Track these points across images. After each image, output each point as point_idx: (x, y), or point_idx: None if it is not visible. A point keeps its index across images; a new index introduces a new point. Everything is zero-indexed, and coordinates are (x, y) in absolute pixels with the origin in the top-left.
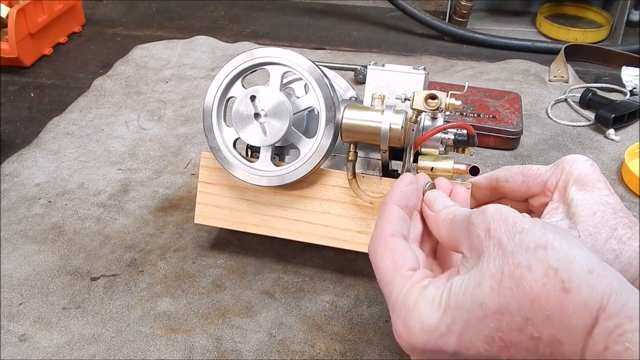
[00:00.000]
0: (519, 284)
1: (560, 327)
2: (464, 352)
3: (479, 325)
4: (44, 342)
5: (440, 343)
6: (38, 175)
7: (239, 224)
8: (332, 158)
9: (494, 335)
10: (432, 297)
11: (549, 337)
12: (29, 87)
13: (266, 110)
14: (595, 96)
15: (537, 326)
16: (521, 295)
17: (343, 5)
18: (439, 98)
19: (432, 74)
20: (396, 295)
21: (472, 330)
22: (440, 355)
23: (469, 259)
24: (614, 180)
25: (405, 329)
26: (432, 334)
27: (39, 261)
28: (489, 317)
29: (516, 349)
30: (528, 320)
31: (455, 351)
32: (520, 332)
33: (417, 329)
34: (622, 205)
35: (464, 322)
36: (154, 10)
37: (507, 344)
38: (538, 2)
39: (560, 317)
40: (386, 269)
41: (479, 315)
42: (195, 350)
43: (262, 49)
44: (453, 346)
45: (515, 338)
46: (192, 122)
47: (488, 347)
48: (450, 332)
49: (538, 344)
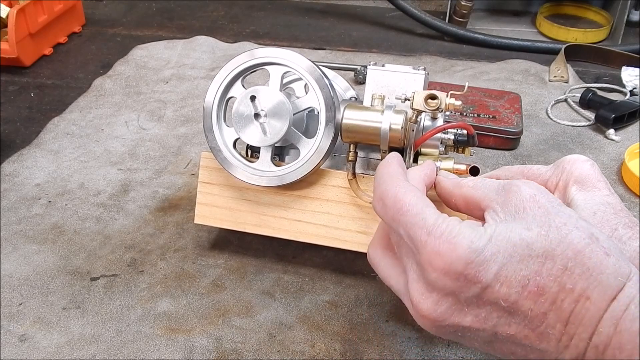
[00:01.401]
0: (565, 237)
1: (596, 283)
2: (495, 288)
3: (520, 264)
4: (44, 342)
5: (481, 269)
6: (38, 175)
7: (239, 224)
8: (332, 158)
9: (530, 278)
10: (474, 226)
11: (580, 292)
12: (29, 87)
13: (266, 110)
14: (595, 96)
15: (573, 278)
16: (567, 246)
17: (343, 5)
18: (439, 98)
19: (432, 74)
20: (434, 220)
21: (512, 267)
22: (473, 285)
23: (500, 214)
24: (614, 181)
25: (450, 246)
26: (478, 255)
27: (39, 261)
28: (533, 259)
29: (544, 298)
30: (567, 270)
31: (489, 284)
32: (555, 280)
33: (464, 247)
34: (622, 205)
35: (509, 255)
36: (154, 10)
37: (538, 290)
38: (538, 2)
39: (598, 274)
40: (414, 200)
41: (524, 253)
42: (195, 350)
43: (262, 49)
44: (490, 277)
45: (549, 286)
46: (192, 122)
47: (520, 289)
48: (493, 261)
49: (567, 296)
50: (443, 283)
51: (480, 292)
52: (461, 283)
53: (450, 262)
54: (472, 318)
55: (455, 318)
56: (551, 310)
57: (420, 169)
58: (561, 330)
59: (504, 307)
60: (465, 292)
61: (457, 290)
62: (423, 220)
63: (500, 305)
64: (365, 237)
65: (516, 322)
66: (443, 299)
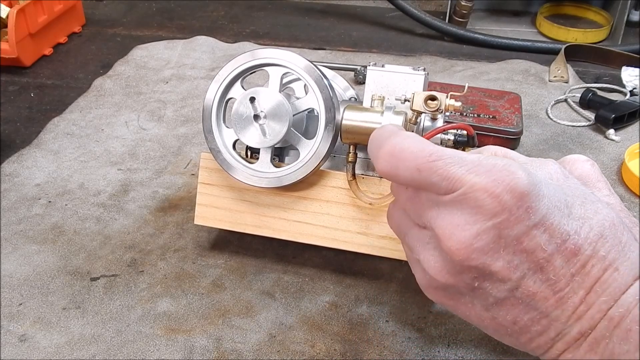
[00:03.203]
0: (599, 210)
1: (625, 257)
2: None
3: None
4: (44, 342)
5: (535, 204)
6: (38, 176)
7: (239, 225)
8: (332, 159)
9: (571, 234)
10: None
11: (611, 261)
12: (29, 87)
13: (265, 111)
14: (595, 96)
15: (606, 247)
16: (603, 217)
17: (343, 5)
18: (439, 99)
19: (432, 74)
20: (476, 157)
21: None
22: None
23: None
24: (614, 181)
25: (508, 174)
26: (536, 188)
27: (39, 261)
28: (574, 219)
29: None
30: (602, 237)
31: (536, 223)
32: (591, 244)
33: (524, 177)
34: (622, 206)
35: (555, 206)
36: (154, 10)
37: (575, 248)
38: (538, 2)
39: (628, 250)
40: (439, 147)
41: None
42: (195, 350)
43: (262, 50)
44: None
45: (584, 247)
46: (192, 123)
47: (559, 242)
48: (546, 199)
49: (597, 263)
50: (492, 208)
51: (526, 230)
52: (513, 214)
53: (512, 187)
54: (504, 263)
55: (488, 258)
56: (579, 274)
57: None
58: (582, 297)
59: (538, 258)
60: (513, 227)
61: (505, 222)
62: (462, 159)
63: (536, 256)
64: (365, 238)
65: (542, 280)
66: (485, 232)
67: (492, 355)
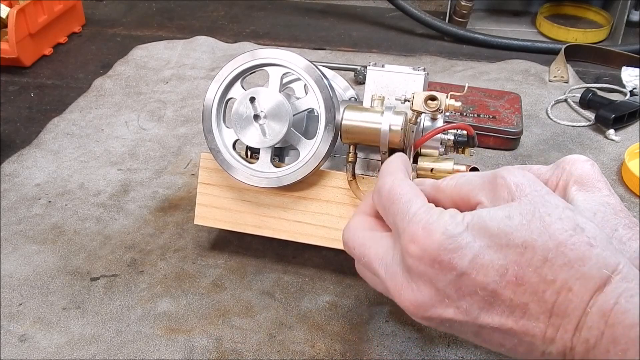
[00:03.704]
0: (548, 228)
1: (578, 275)
2: (472, 276)
3: (498, 253)
4: (44, 343)
5: (455, 256)
6: (38, 176)
7: (239, 225)
8: (332, 159)
9: (509, 267)
10: (454, 214)
11: (562, 283)
12: (29, 87)
13: (265, 111)
14: (595, 96)
15: (554, 269)
16: (548, 237)
17: (343, 5)
18: (439, 99)
19: (432, 74)
20: (417, 209)
21: (489, 255)
22: (448, 272)
23: (488, 206)
24: (614, 181)
25: (425, 232)
26: (452, 242)
27: (39, 261)
28: (511, 249)
29: (524, 288)
30: (547, 261)
31: (464, 272)
32: (535, 271)
33: (439, 232)
34: (622, 206)
35: (485, 244)
36: (154, 10)
37: (518, 280)
38: (538, 2)
39: (580, 266)
40: (405, 191)
41: (501, 243)
42: (195, 350)
43: (262, 50)
44: (465, 264)
45: (529, 276)
46: (192, 123)
47: (498, 279)
48: (468, 248)
49: (548, 288)
50: (419, 269)
51: (456, 280)
52: (436, 270)
53: (425, 248)
54: (454, 310)
55: (437, 310)
56: (533, 301)
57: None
58: (545, 321)
59: (483, 296)
60: (442, 280)
61: (434, 278)
62: (408, 209)
63: (480, 295)
64: None
65: (498, 314)
66: (422, 288)
67: (492, 355)
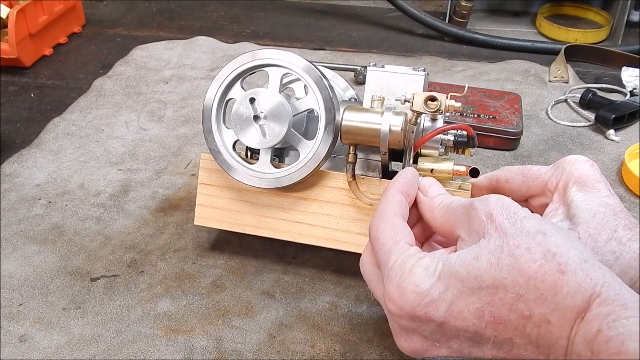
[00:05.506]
0: (517, 262)
1: (552, 306)
2: (451, 323)
3: (471, 297)
4: (44, 343)
5: (430, 309)
6: (38, 176)
7: (239, 225)
8: (332, 159)
9: (484, 309)
10: (427, 265)
11: (539, 317)
12: (29, 87)
13: (265, 112)
14: (595, 97)
15: (528, 304)
16: (518, 273)
17: (343, 5)
18: (439, 100)
19: (432, 74)
20: (392, 263)
21: (463, 301)
22: (428, 323)
23: (466, 241)
24: (614, 181)
25: (398, 291)
26: (424, 297)
27: (39, 261)
28: (483, 290)
29: (504, 326)
30: (521, 297)
31: (443, 321)
32: (510, 308)
33: (410, 291)
34: (622, 207)
35: (457, 291)
36: (154, 11)
37: (495, 319)
38: (538, 3)
39: (553, 297)
40: (386, 240)
41: (473, 286)
42: (195, 350)
43: (262, 50)
44: (442, 314)
45: (505, 314)
46: (192, 123)
47: (477, 321)
48: (441, 299)
49: (527, 322)
50: (402, 324)
51: (438, 328)
52: (417, 323)
53: (400, 307)
54: (447, 350)
55: (431, 351)
56: (516, 336)
57: (398, 186)
58: (534, 351)
59: (468, 338)
60: (426, 330)
61: (418, 329)
62: (386, 261)
63: (464, 337)
64: (365, 239)
65: (488, 348)
66: (412, 337)
67: None
